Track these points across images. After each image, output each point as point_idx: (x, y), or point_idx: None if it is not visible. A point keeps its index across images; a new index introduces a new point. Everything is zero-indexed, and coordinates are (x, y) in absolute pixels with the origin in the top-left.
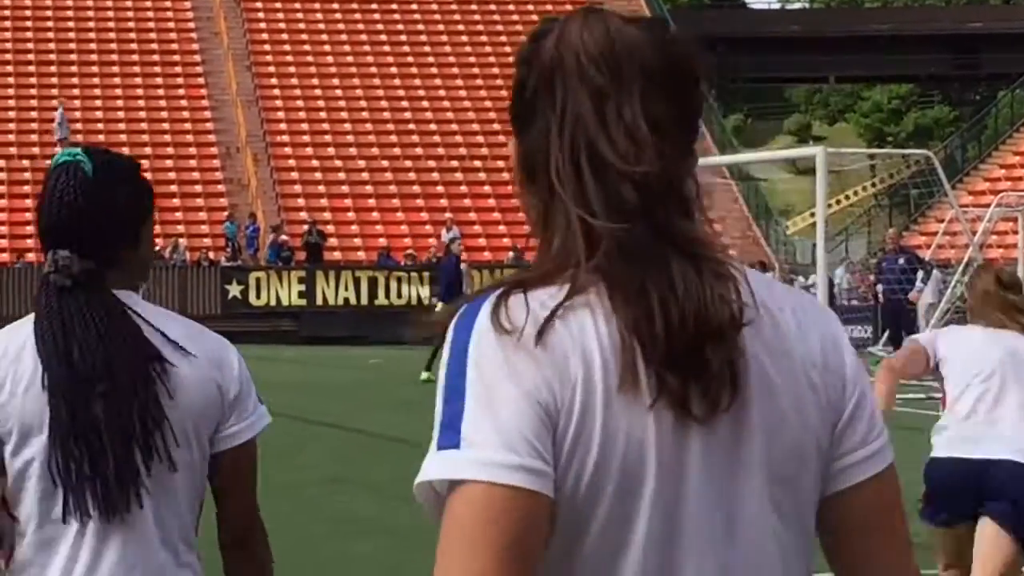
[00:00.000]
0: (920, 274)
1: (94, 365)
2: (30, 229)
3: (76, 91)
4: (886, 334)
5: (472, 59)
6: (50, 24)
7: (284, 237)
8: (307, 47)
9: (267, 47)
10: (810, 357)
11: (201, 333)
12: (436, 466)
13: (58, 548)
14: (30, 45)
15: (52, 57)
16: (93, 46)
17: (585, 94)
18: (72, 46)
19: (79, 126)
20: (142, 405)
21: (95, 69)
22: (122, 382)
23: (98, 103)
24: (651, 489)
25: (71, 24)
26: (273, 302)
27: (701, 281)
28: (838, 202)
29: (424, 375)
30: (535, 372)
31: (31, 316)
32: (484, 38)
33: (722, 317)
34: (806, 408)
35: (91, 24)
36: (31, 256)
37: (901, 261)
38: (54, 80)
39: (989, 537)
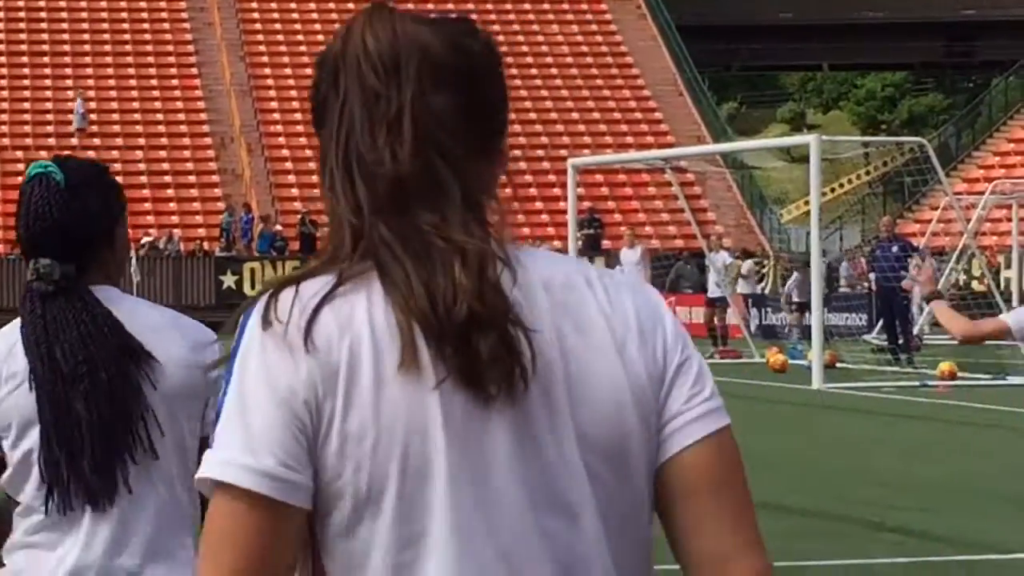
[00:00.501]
0: (913, 261)
1: (76, 365)
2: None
3: (69, 82)
4: (880, 322)
5: None
6: (43, 16)
7: (278, 227)
8: (300, 37)
9: (260, 37)
10: (623, 328)
11: (179, 319)
12: (201, 466)
13: (55, 533)
14: (23, 36)
15: (45, 48)
16: (87, 37)
17: (358, 95)
18: (65, 37)
19: (71, 116)
20: (122, 399)
21: (88, 60)
22: (102, 379)
23: (92, 94)
24: (444, 469)
25: (64, 15)
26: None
27: (467, 269)
28: (832, 190)
29: None
30: (293, 373)
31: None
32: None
33: (491, 302)
34: (619, 378)
35: (84, 15)
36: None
37: (895, 249)
38: (47, 71)
39: None
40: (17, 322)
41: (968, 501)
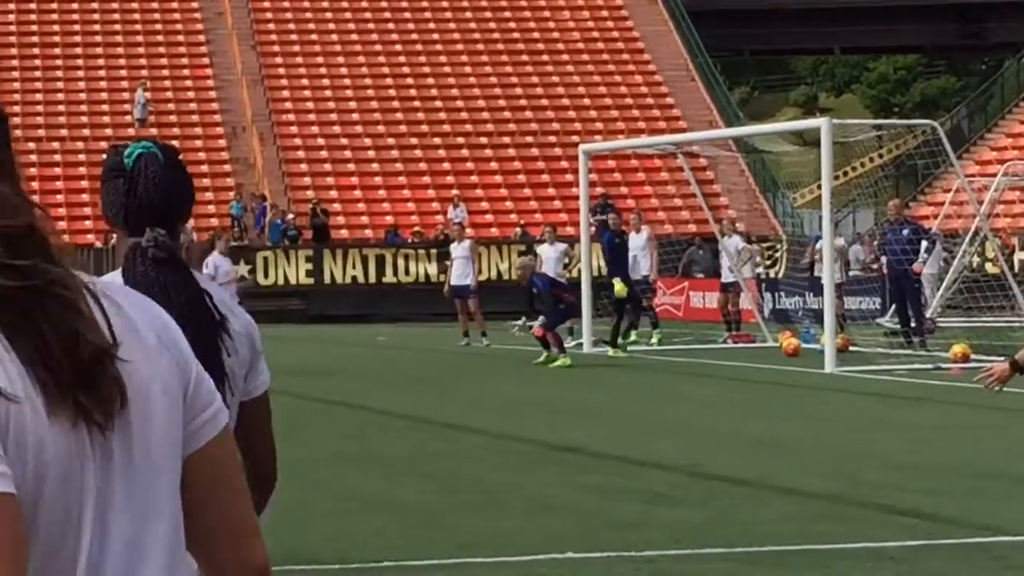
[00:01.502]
0: (924, 244)
1: (184, 326)
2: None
3: (80, 72)
4: (894, 306)
5: (477, 35)
6: (54, 6)
7: (291, 216)
8: (311, 25)
9: (272, 26)
10: (157, 345)
11: (230, 298)
12: None
13: None
14: (34, 28)
15: (56, 40)
16: (98, 27)
17: None
18: (76, 28)
19: (84, 107)
20: (218, 362)
21: (99, 51)
22: (204, 342)
23: (103, 84)
24: (81, 497)
25: (75, 6)
26: (281, 281)
27: (67, 315)
28: (845, 174)
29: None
30: None
31: (116, 272)
32: (488, 14)
33: (98, 341)
34: (172, 390)
35: (95, 5)
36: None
37: (905, 232)
38: (59, 63)
39: None
40: (114, 274)
41: (980, 484)
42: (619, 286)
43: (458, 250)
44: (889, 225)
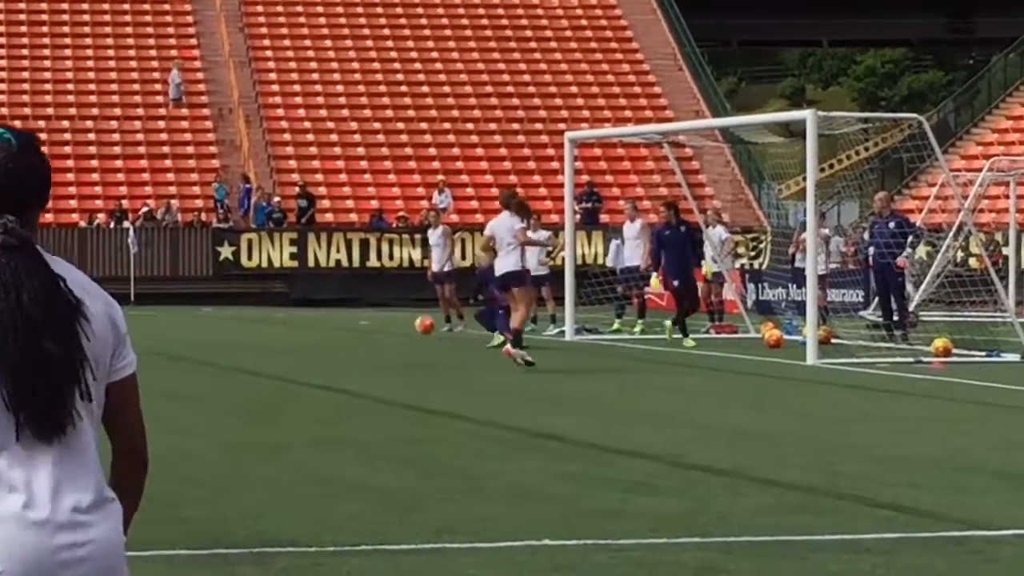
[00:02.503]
0: (909, 239)
1: (41, 311)
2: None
3: (68, 52)
4: (876, 299)
5: (465, 20)
6: None
7: (276, 199)
8: (299, 8)
9: (259, 8)
10: None
11: (90, 280)
12: None
13: (18, 462)
14: (22, 5)
15: (44, 18)
16: (86, 7)
17: None
18: (64, 6)
19: (71, 87)
20: (76, 346)
21: (87, 30)
22: (59, 326)
23: (90, 63)
24: None
25: None
26: (265, 264)
27: None
28: (831, 166)
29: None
30: None
31: None
32: (477, 0)
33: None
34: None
35: None
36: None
37: (891, 225)
38: (46, 41)
39: None
40: None
41: (959, 477)
42: (654, 281)
43: (433, 237)
44: (875, 218)
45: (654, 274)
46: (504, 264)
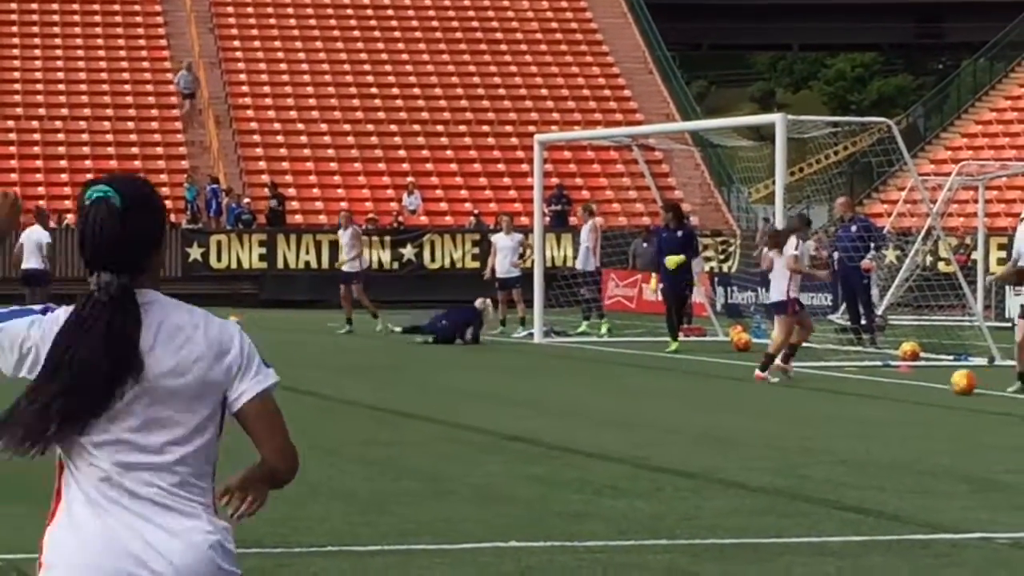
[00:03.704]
0: (873, 243)
1: (106, 360)
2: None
3: (38, 51)
4: (844, 304)
5: (435, 22)
6: None
7: (246, 200)
8: (270, 9)
9: (230, 9)
10: None
11: (206, 319)
12: None
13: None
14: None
15: (13, 18)
16: (55, 6)
17: None
18: (34, 6)
19: (40, 86)
20: (119, 392)
21: (57, 30)
22: (119, 374)
23: (59, 63)
24: None
25: None
26: (234, 265)
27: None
28: (800, 170)
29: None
30: None
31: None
32: (447, 2)
33: None
34: None
35: None
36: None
37: (854, 229)
38: (15, 41)
39: None
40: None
41: (924, 481)
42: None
43: (344, 237)
44: (840, 223)
45: (654, 275)
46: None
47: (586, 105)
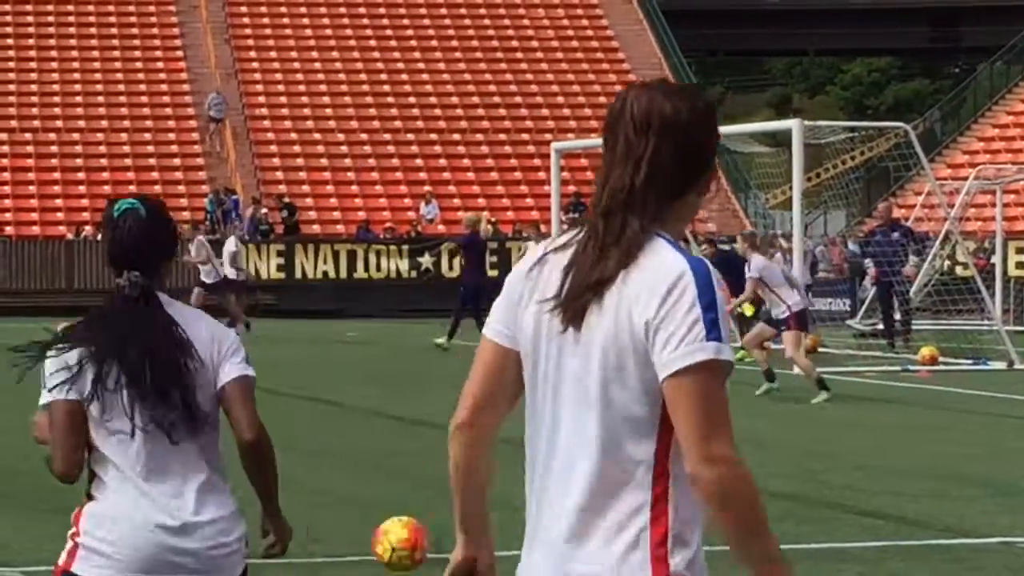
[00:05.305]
0: (913, 247)
1: (153, 352)
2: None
3: (55, 64)
4: (864, 307)
5: (451, 31)
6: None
7: (264, 211)
8: (286, 20)
9: (246, 20)
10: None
11: (197, 312)
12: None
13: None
14: (8, 18)
15: (30, 31)
16: (72, 19)
17: (622, 141)
18: (51, 19)
19: (57, 99)
20: (179, 382)
21: (74, 42)
22: (167, 366)
23: (76, 76)
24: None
25: None
26: (253, 275)
27: (627, 253)
28: (817, 175)
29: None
30: None
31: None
32: (463, 11)
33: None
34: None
35: None
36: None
37: (895, 235)
38: (32, 54)
39: None
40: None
41: (943, 486)
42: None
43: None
44: (879, 228)
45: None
46: None
47: (603, 112)
